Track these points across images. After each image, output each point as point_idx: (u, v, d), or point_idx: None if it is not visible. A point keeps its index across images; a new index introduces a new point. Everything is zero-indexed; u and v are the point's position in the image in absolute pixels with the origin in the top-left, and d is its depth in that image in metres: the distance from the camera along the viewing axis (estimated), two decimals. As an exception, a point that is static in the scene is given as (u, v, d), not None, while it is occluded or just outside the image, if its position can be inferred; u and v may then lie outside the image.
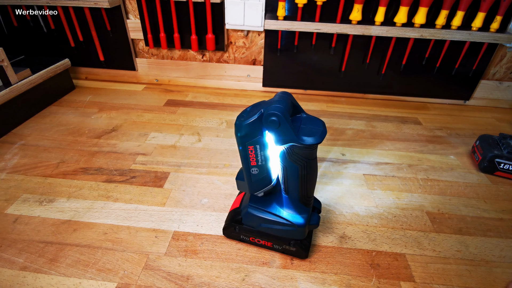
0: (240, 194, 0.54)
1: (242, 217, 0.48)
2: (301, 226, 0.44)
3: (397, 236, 0.53)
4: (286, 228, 0.45)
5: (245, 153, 0.39)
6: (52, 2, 0.89)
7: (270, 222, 0.46)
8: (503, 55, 0.93)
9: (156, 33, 0.97)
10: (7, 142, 0.74)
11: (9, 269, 0.45)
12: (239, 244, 0.51)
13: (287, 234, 0.46)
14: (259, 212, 0.46)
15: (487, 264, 0.49)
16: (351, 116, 0.92)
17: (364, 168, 0.70)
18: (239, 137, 0.38)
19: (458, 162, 0.73)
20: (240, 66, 1.02)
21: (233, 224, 0.49)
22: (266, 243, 0.49)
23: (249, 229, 0.48)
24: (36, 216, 0.54)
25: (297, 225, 0.44)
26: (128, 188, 0.61)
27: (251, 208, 0.46)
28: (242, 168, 0.42)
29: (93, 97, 0.97)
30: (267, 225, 0.46)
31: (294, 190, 0.42)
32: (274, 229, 0.46)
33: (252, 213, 0.46)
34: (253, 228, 0.48)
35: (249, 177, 0.42)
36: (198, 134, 0.80)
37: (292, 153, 0.38)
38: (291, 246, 0.47)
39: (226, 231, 0.51)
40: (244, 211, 0.47)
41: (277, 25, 0.88)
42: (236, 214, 0.49)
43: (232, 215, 0.50)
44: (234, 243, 0.51)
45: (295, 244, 0.47)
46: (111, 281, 0.44)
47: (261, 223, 0.46)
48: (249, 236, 0.49)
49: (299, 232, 0.45)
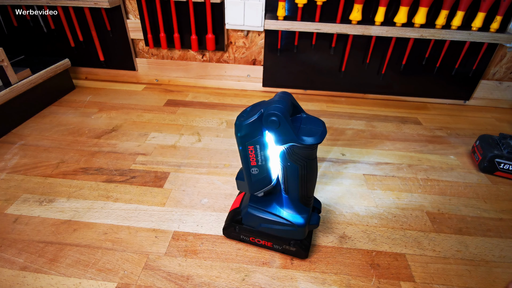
0: (240, 195, 0.54)
1: (242, 217, 0.48)
2: (301, 226, 0.44)
3: (397, 236, 0.53)
4: (286, 228, 0.45)
5: (245, 153, 0.39)
6: (52, 2, 0.89)
7: (270, 222, 0.46)
8: (503, 55, 0.93)
9: (156, 33, 0.97)
10: (7, 142, 0.74)
11: (9, 269, 0.45)
12: (239, 244, 0.51)
13: (287, 234, 0.46)
14: (259, 212, 0.46)
15: (487, 264, 0.49)
16: (351, 116, 0.92)
17: (364, 168, 0.70)
18: (239, 137, 0.38)
19: (458, 162, 0.73)
20: (240, 66, 1.02)
21: (233, 224, 0.49)
22: (266, 243, 0.49)
23: (249, 229, 0.48)
24: (36, 216, 0.54)
25: (297, 225, 0.44)
26: (128, 188, 0.61)
27: (251, 208, 0.46)
28: (242, 168, 0.42)
29: (93, 97, 0.97)
30: (267, 225, 0.46)
31: (294, 190, 0.42)
32: (274, 229, 0.46)
33: (252, 213, 0.46)
34: (253, 228, 0.48)
35: (249, 177, 0.42)
36: (198, 134, 0.80)
37: (292, 153, 0.38)
38: (291, 246, 0.47)
39: (226, 231, 0.51)
40: (244, 211, 0.47)
41: (277, 25, 0.88)
42: (236, 214, 0.49)
43: (232, 215, 0.50)
44: (234, 243, 0.51)
45: (295, 244, 0.47)
46: (111, 281, 0.44)
47: (261, 223, 0.46)
48: (249, 236, 0.49)
49: (299, 232, 0.45)
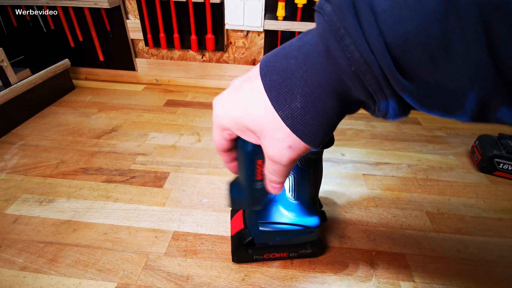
0: (236, 215, 0.50)
1: (254, 237, 0.45)
2: (317, 227, 0.44)
3: (396, 236, 0.53)
4: (302, 234, 0.44)
5: (252, 169, 0.34)
6: (52, 2, 0.89)
7: (285, 233, 0.44)
8: (502, 55, 0.93)
9: (156, 33, 0.97)
10: (7, 142, 0.74)
11: (9, 269, 0.45)
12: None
13: (304, 239, 0.45)
14: (272, 227, 0.44)
15: (487, 264, 0.49)
16: (351, 116, 0.93)
17: (363, 168, 0.70)
18: (248, 153, 0.32)
19: (457, 162, 0.74)
20: (240, 66, 1.03)
21: (245, 248, 0.45)
22: (281, 255, 0.47)
23: (263, 246, 0.45)
24: (36, 216, 0.54)
25: (313, 227, 0.44)
26: (128, 188, 0.61)
27: (262, 225, 0.44)
28: (232, 183, 0.38)
29: (93, 97, 0.97)
30: (283, 237, 0.44)
31: (305, 194, 0.41)
32: (290, 238, 0.45)
33: (265, 230, 0.44)
34: (267, 244, 0.45)
35: (252, 193, 0.38)
36: (198, 134, 0.80)
37: (304, 160, 0.37)
38: (307, 249, 0.46)
39: (237, 257, 0.47)
40: (255, 230, 0.44)
41: (276, 25, 0.88)
42: (244, 236, 0.46)
43: (238, 239, 0.46)
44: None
45: (312, 246, 0.46)
46: (111, 281, 0.44)
47: (276, 237, 0.44)
48: (263, 254, 0.46)
49: (317, 233, 0.45)
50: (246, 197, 0.37)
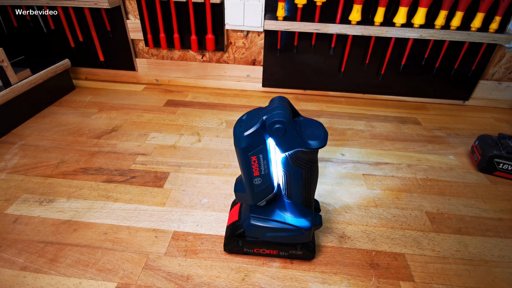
0: (234, 207, 0.51)
1: (245, 230, 0.46)
2: (308, 229, 0.44)
3: (396, 236, 0.53)
4: (292, 234, 0.44)
5: (248, 165, 0.37)
6: (52, 2, 0.89)
7: (275, 231, 0.44)
8: (502, 55, 0.93)
9: (156, 34, 0.97)
10: (7, 142, 0.74)
11: (9, 269, 0.45)
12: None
13: (294, 239, 0.45)
14: (263, 222, 0.44)
15: (486, 264, 0.49)
16: (351, 116, 0.93)
17: (363, 168, 0.70)
18: (242, 149, 0.35)
19: (457, 162, 0.74)
20: (240, 67, 1.03)
21: (235, 239, 0.47)
22: (271, 251, 0.47)
23: (253, 240, 0.46)
24: (36, 216, 0.54)
25: (303, 229, 0.44)
26: (128, 188, 0.61)
27: (254, 219, 0.44)
28: (239, 179, 0.40)
29: (93, 97, 0.97)
30: (272, 234, 0.45)
31: (298, 194, 0.41)
32: (280, 236, 0.45)
33: (256, 224, 0.44)
34: (257, 239, 0.46)
35: (252, 188, 0.40)
36: (198, 134, 0.80)
37: (296, 158, 0.37)
38: (297, 250, 0.46)
39: (228, 247, 0.48)
40: (247, 223, 0.45)
41: (276, 25, 0.88)
42: (236, 227, 0.47)
43: (231, 230, 0.48)
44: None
45: (302, 247, 0.46)
46: (111, 281, 0.44)
47: (266, 233, 0.45)
48: (253, 248, 0.47)
49: (306, 236, 0.45)
50: (246, 192, 0.40)
